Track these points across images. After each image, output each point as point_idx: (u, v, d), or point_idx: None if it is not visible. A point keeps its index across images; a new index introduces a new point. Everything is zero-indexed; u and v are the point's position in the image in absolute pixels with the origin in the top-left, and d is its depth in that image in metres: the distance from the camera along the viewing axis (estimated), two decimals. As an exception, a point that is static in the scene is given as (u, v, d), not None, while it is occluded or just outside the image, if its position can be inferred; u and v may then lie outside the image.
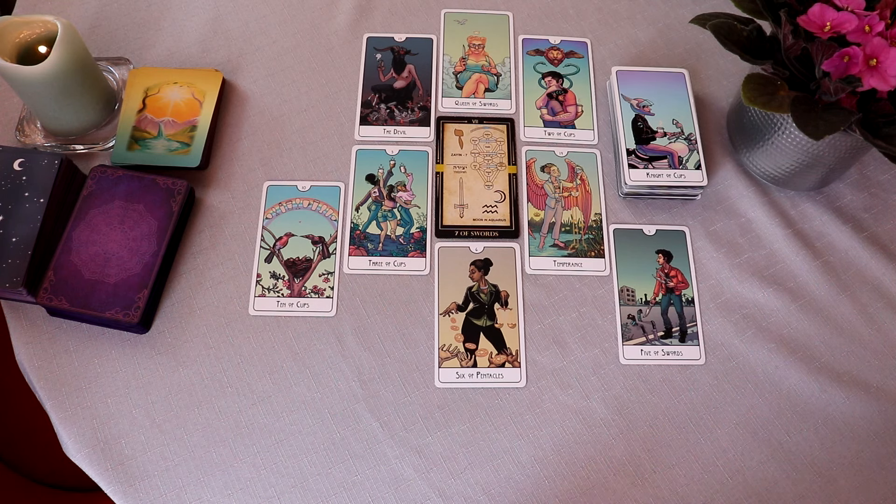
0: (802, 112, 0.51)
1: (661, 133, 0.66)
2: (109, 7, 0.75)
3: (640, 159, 0.65)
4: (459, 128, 0.69)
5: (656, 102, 0.68)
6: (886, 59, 0.50)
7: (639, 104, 0.67)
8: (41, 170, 0.60)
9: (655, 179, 0.64)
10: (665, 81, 0.69)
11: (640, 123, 0.66)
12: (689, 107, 0.68)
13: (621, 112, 0.67)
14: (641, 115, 0.67)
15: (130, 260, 0.59)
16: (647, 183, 0.64)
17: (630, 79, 0.69)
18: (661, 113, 0.67)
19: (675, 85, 0.69)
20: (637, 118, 0.67)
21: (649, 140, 0.66)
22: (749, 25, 0.57)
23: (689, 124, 0.67)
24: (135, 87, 0.68)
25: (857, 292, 0.63)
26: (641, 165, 0.64)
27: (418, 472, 0.55)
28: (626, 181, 0.64)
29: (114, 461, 0.55)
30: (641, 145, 0.65)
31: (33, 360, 0.59)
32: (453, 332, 0.60)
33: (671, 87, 0.69)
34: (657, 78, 0.69)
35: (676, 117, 0.67)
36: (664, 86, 0.69)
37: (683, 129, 0.66)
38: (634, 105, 0.67)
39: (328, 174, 0.67)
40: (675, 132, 0.66)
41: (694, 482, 0.56)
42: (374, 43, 0.74)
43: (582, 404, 0.58)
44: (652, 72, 0.69)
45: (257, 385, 0.58)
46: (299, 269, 0.63)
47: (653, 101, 0.68)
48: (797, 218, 0.66)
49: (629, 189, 0.65)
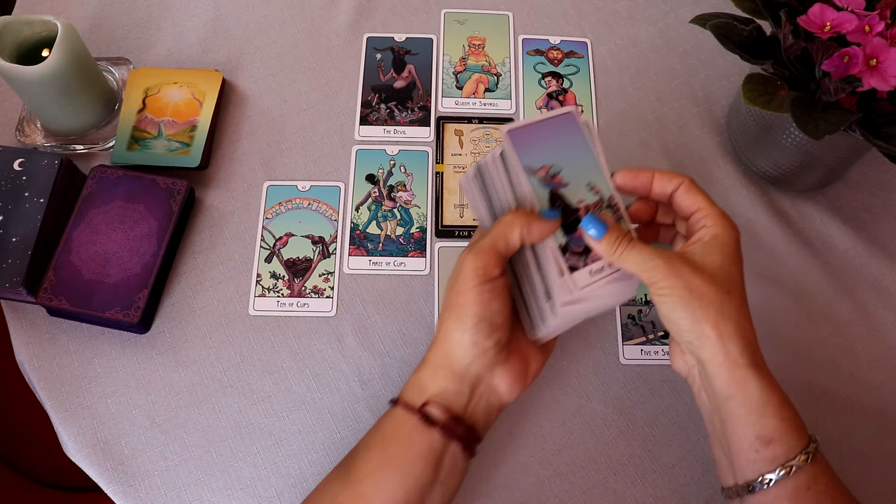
0: (802, 112, 0.51)
1: (584, 209, 0.46)
2: (109, 7, 0.75)
3: (578, 255, 0.46)
4: (459, 128, 0.70)
5: (564, 165, 0.47)
6: (886, 59, 0.50)
7: (548, 174, 0.46)
8: (41, 170, 0.60)
9: (599, 275, 0.46)
10: (559, 129, 0.48)
11: (560, 203, 0.46)
12: (595, 157, 0.48)
13: (535, 195, 0.46)
14: (556, 190, 0.46)
15: (130, 260, 0.59)
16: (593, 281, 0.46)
17: (527, 139, 0.47)
18: (574, 179, 0.47)
19: (569, 131, 0.48)
20: (553, 196, 0.46)
21: (574, 225, 0.46)
22: (749, 25, 0.57)
23: (604, 184, 0.48)
24: (135, 87, 0.68)
25: (857, 292, 0.63)
26: (581, 263, 0.46)
27: (418, 472, 0.56)
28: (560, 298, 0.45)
29: (114, 461, 0.55)
30: (571, 234, 0.46)
31: (33, 360, 0.59)
32: (453, 332, 0.60)
33: (567, 135, 0.48)
34: (550, 127, 0.48)
35: (590, 179, 0.47)
36: (561, 136, 0.48)
37: (602, 194, 0.47)
38: (544, 178, 0.46)
39: (328, 174, 0.67)
40: (595, 202, 0.47)
41: (694, 482, 0.56)
42: (374, 43, 0.74)
43: (582, 404, 0.58)
44: (542, 120, 0.48)
45: (257, 385, 0.58)
46: (299, 269, 0.63)
47: (561, 165, 0.47)
48: (797, 218, 0.66)
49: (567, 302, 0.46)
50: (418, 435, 0.46)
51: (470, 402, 0.48)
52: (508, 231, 0.45)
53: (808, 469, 0.42)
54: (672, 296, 0.43)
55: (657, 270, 0.44)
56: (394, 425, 0.47)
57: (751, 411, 0.43)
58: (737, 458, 0.44)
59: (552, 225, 0.45)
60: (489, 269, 0.45)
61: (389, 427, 0.47)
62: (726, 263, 0.45)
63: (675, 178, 0.48)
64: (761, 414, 0.43)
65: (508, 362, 0.48)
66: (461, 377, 0.47)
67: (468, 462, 0.48)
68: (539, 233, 0.45)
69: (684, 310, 0.43)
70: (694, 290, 0.43)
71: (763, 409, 0.43)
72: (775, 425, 0.42)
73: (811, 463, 0.42)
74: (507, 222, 0.45)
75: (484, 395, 0.48)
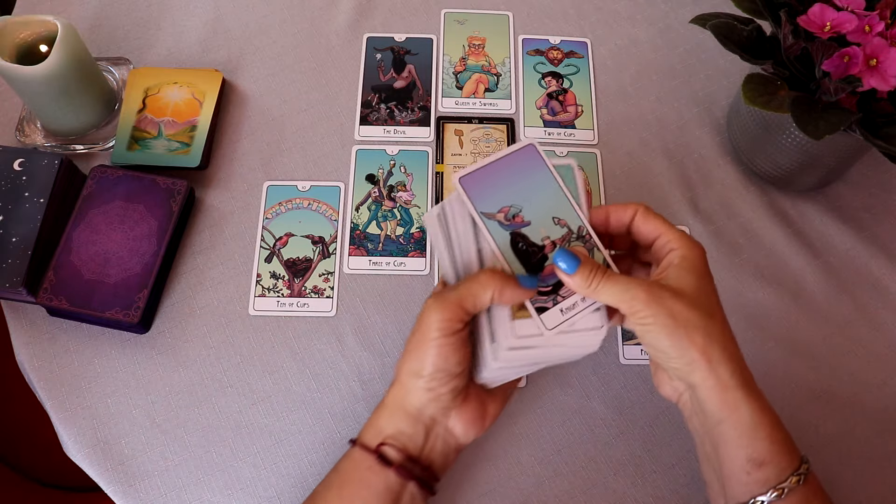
0: (802, 112, 0.51)
1: (550, 245, 0.46)
2: (109, 7, 0.75)
3: (544, 294, 0.46)
4: (459, 128, 0.69)
5: (524, 203, 0.47)
6: (886, 59, 0.50)
7: (507, 217, 0.46)
8: (41, 170, 0.60)
9: (571, 313, 0.46)
10: (518, 165, 0.47)
11: (522, 244, 0.46)
12: (560, 188, 0.47)
13: (493, 240, 0.45)
14: (517, 231, 0.46)
15: (130, 260, 0.59)
16: (564, 320, 0.46)
17: (479, 184, 0.46)
18: (537, 215, 0.46)
19: (529, 166, 0.47)
20: (515, 238, 0.46)
21: (543, 262, 0.46)
22: (749, 25, 0.57)
23: (571, 216, 0.47)
24: (135, 87, 0.68)
25: (857, 292, 0.63)
26: (551, 302, 0.45)
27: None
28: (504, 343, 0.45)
29: (114, 461, 0.55)
30: (538, 274, 0.46)
31: (33, 360, 0.59)
32: (453, 333, 0.60)
33: (527, 170, 0.47)
34: (508, 165, 0.47)
35: (556, 213, 0.47)
36: (520, 172, 0.47)
37: (570, 226, 0.47)
38: (502, 221, 0.46)
39: (328, 174, 0.67)
40: (562, 235, 0.47)
41: (694, 482, 0.55)
42: (374, 43, 0.74)
43: (582, 404, 0.58)
44: (499, 159, 0.47)
45: (257, 385, 0.58)
46: (299, 269, 0.63)
47: (521, 204, 0.46)
48: (797, 218, 0.66)
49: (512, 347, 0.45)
50: (374, 475, 0.47)
51: (426, 443, 0.48)
52: (480, 291, 0.44)
53: (800, 491, 0.42)
54: (655, 324, 0.42)
55: (637, 300, 0.42)
56: (351, 465, 0.48)
57: (742, 434, 0.42)
58: (728, 481, 0.44)
59: (527, 294, 0.44)
60: (453, 323, 0.44)
61: (347, 467, 0.49)
62: (702, 284, 0.44)
63: (629, 208, 0.47)
64: (753, 436, 0.42)
65: (464, 406, 0.48)
66: (416, 419, 0.48)
67: (426, 501, 0.49)
68: (510, 300, 0.44)
69: (669, 338, 0.42)
70: (677, 316, 0.42)
71: (755, 431, 0.42)
72: (767, 447, 0.42)
73: (803, 485, 0.42)
74: (481, 282, 0.44)
75: (441, 437, 0.49)
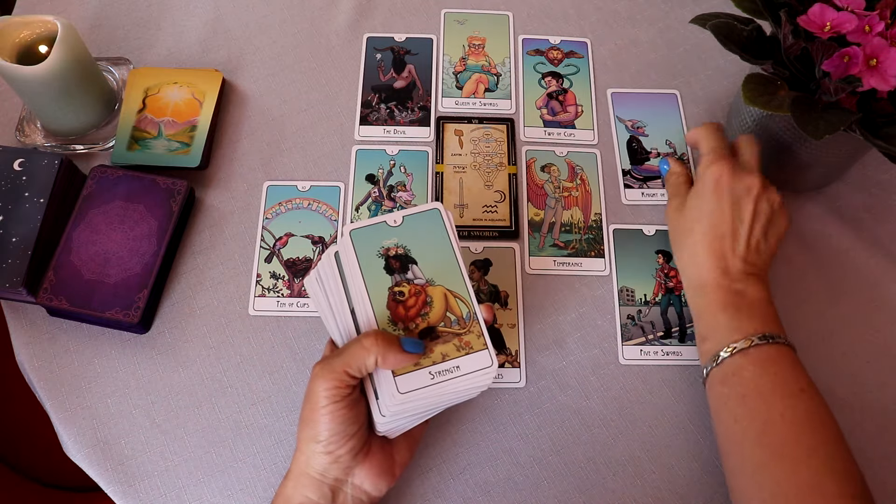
0: (802, 112, 0.50)
1: (655, 153, 0.68)
2: (109, 7, 0.75)
3: (636, 179, 0.67)
4: (459, 128, 0.69)
5: (650, 123, 0.70)
6: (886, 59, 0.50)
7: (633, 125, 0.70)
8: (41, 170, 0.60)
9: (650, 199, 0.66)
10: (658, 103, 0.71)
11: (635, 144, 0.69)
12: (682, 127, 0.70)
13: (616, 133, 0.69)
14: (636, 136, 0.69)
15: (130, 260, 0.59)
16: (643, 202, 0.66)
17: (624, 100, 0.71)
18: (654, 134, 0.69)
19: (667, 106, 0.71)
20: (632, 139, 0.69)
21: (644, 160, 0.68)
22: (749, 25, 0.57)
23: (681, 144, 0.69)
24: (135, 87, 0.68)
25: (857, 292, 0.63)
26: (636, 185, 0.67)
27: (417, 473, 0.55)
28: (622, 201, 0.67)
29: (114, 461, 0.55)
30: (636, 166, 0.68)
31: (33, 360, 0.59)
32: (453, 333, 0.60)
33: (664, 108, 0.71)
34: (651, 99, 0.71)
35: (670, 137, 0.69)
36: (657, 107, 0.71)
37: (676, 150, 0.69)
38: (629, 126, 0.70)
39: (328, 174, 0.67)
40: (668, 152, 0.68)
41: (694, 482, 0.55)
42: (374, 43, 0.74)
43: (581, 404, 0.58)
44: (646, 93, 0.71)
45: (257, 385, 0.58)
46: (299, 269, 0.63)
47: (647, 123, 0.70)
48: (797, 218, 0.66)
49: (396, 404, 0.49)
50: None
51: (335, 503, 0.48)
52: (365, 355, 0.44)
53: (732, 361, 0.51)
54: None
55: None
56: None
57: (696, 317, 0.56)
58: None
59: (411, 358, 0.45)
60: (340, 390, 0.45)
61: None
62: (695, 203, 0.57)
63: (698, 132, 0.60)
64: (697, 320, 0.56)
65: (368, 461, 0.48)
66: (320, 483, 0.47)
67: None
68: (394, 364, 0.45)
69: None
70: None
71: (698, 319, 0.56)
72: (706, 325, 0.55)
73: (738, 354, 0.51)
74: (365, 346, 0.44)
75: (349, 495, 0.48)
